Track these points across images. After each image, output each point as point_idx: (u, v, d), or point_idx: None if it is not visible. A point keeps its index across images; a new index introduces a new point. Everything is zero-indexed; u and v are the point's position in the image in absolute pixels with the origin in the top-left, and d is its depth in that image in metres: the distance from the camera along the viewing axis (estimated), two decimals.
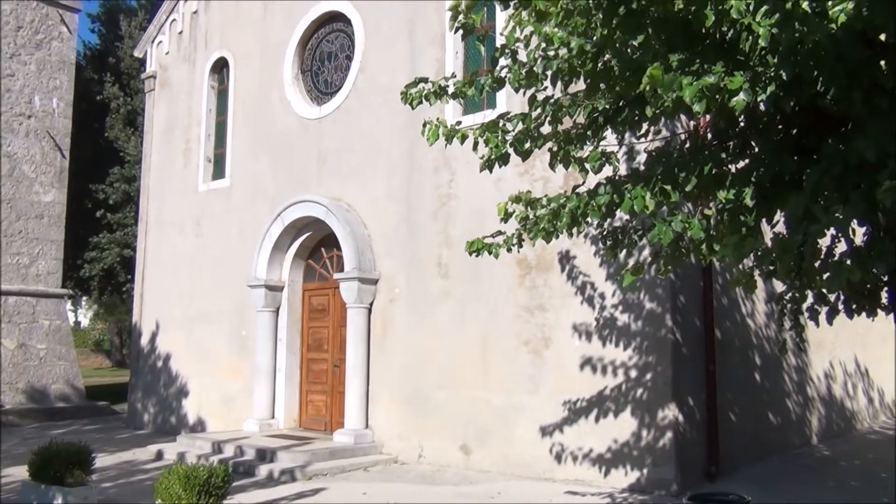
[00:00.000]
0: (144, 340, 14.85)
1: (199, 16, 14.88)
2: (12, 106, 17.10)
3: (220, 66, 14.41)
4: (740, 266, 4.90)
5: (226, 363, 13.09)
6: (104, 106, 21.66)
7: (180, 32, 15.21)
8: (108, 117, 21.64)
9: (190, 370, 13.77)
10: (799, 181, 3.83)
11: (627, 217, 4.82)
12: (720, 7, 3.39)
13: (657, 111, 3.95)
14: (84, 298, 36.06)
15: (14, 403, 16.07)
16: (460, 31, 4.47)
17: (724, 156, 4.22)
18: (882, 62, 3.49)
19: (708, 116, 4.55)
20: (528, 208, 4.99)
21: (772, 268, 4.22)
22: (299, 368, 12.36)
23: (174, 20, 15.37)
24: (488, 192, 9.43)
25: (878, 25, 3.16)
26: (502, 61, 4.82)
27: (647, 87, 3.42)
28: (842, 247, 3.97)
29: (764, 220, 4.20)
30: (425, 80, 5.29)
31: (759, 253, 3.98)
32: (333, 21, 12.56)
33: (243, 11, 13.90)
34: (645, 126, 4.83)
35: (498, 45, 4.76)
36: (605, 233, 5.12)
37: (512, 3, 4.44)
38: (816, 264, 3.99)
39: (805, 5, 3.12)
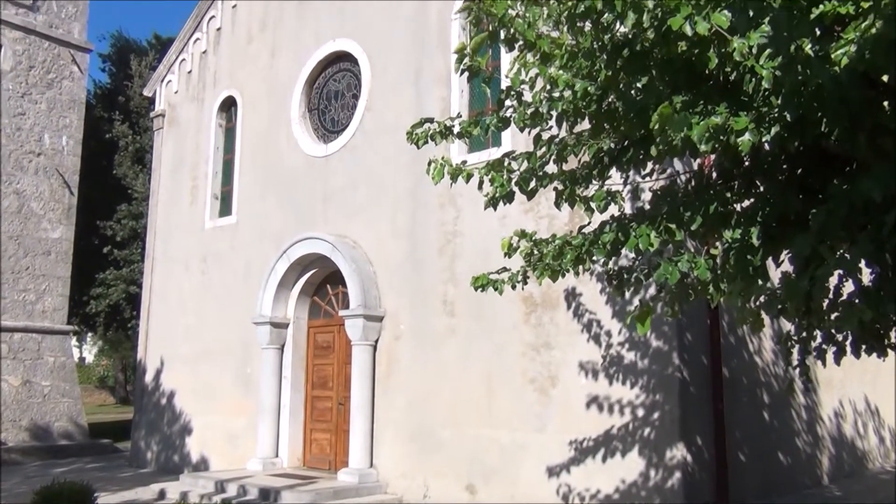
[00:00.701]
0: (149, 377, 14.80)
1: (208, 56, 15.10)
2: (22, 144, 17.29)
3: (228, 105, 14.58)
4: (747, 304, 4.88)
5: (230, 401, 13.02)
6: (113, 144, 21.91)
7: (189, 72, 15.42)
8: (116, 155, 21.87)
9: (194, 407, 13.69)
10: (805, 221, 3.83)
11: (633, 256, 4.82)
12: (723, 50, 3.42)
13: (662, 150, 3.97)
14: (89, 334, 36.04)
15: (17, 441, 15.97)
16: (466, 74, 4.51)
17: (729, 195, 4.23)
18: (885, 103, 3.51)
19: (713, 156, 4.58)
20: (534, 246, 4.99)
21: (780, 306, 4.20)
22: (303, 406, 12.27)
23: (184, 60, 15.59)
24: (493, 229, 9.45)
25: (880, 67, 3.19)
26: (507, 102, 4.87)
27: (657, 126, 3.44)
28: (849, 286, 3.95)
29: (770, 259, 4.19)
30: (431, 121, 5.33)
31: (767, 297, 3.96)
32: (340, 61, 12.73)
33: (252, 52, 14.10)
34: (650, 165, 4.85)
35: (503, 86, 4.80)
36: (610, 272, 5.12)
37: (517, 46, 4.50)
38: (825, 304, 3.97)
39: (808, 49, 3.15)
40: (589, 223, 5.03)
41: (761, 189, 4.28)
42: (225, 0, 14.87)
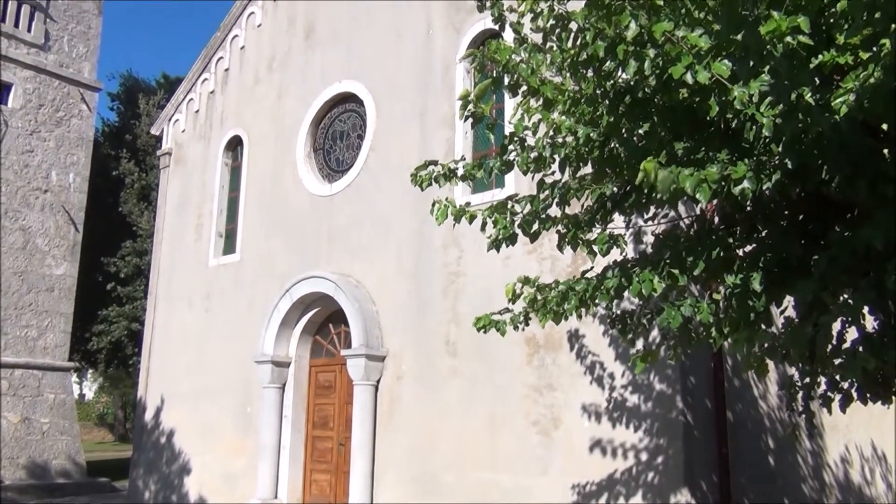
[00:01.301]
0: (148, 415, 14.71)
1: (215, 96, 15.29)
2: (29, 181, 17.44)
3: (235, 144, 14.72)
4: (751, 349, 4.86)
5: (230, 440, 12.91)
6: (119, 181, 22.09)
7: (197, 111, 15.61)
8: (122, 192, 22.03)
9: (193, 447, 13.58)
10: (807, 267, 3.84)
11: (637, 300, 4.83)
12: (724, 98, 3.47)
13: (663, 197, 4.00)
14: (90, 371, 35.91)
15: (14, 479, 15.82)
16: (470, 119, 4.57)
17: (731, 240, 4.25)
18: (885, 151, 3.54)
19: (714, 201, 4.61)
20: (537, 291, 5.00)
21: (783, 352, 4.19)
22: (304, 446, 12.16)
23: (191, 99, 15.79)
24: (497, 270, 9.46)
25: (880, 116, 3.22)
26: (511, 147, 4.92)
27: (644, 181, 3.48)
28: (853, 332, 3.94)
29: (773, 304, 4.19)
30: (435, 163, 5.39)
31: (771, 342, 3.95)
32: (346, 102, 12.88)
33: (259, 92, 14.29)
34: (652, 209, 4.88)
35: (507, 131, 4.86)
36: (613, 316, 5.11)
37: (520, 91, 4.56)
38: (828, 350, 3.96)
39: (809, 97, 3.19)
40: (592, 268, 5.05)
41: (763, 234, 4.30)
42: (233, 42, 15.11)
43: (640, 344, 7.93)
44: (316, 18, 13.57)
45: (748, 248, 4.35)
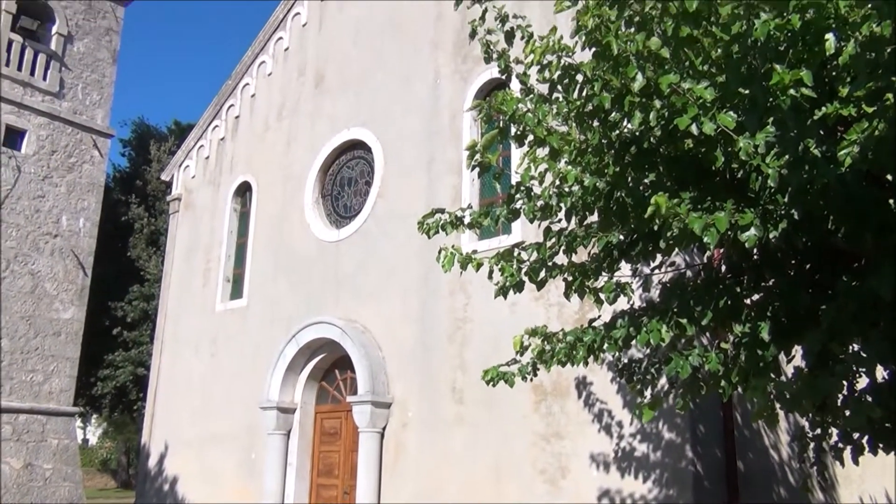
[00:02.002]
0: (152, 462, 14.57)
1: (225, 142, 15.49)
2: (40, 225, 17.58)
3: (244, 190, 14.86)
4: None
5: (234, 487, 12.76)
6: (128, 226, 22.26)
7: (207, 158, 15.79)
8: (131, 237, 22.18)
9: (197, 494, 13.41)
10: (815, 316, 3.83)
11: (645, 348, 4.81)
12: (729, 148, 3.50)
13: (669, 242, 4.01)
14: (94, 416, 35.69)
15: None
16: (477, 169, 4.62)
17: (738, 289, 4.24)
18: (891, 202, 3.55)
19: (721, 249, 4.62)
20: (545, 342, 4.99)
21: (795, 402, 4.15)
22: (308, 495, 12.00)
23: (202, 146, 15.99)
24: (504, 316, 9.44)
25: (885, 167, 3.25)
26: (517, 195, 4.96)
27: (654, 217, 3.49)
28: (863, 380, 3.91)
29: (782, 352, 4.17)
30: (441, 211, 5.42)
31: (784, 394, 3.91)
32: (355, 149, 13.02)
33: (268, 139, 14.47)
34: (659, 257, 4.89)
35: (514, 179, 4.91)
36: (621, 365, 5.09)
37: (527, 141, 4.61)
38: (839, 400, 3.92)
39: (815, 149, 3.22)
40: (599, 316, 5.04)
41: (771, 283, 4.29)
42: (245, 90, 15.36)
43: (648, 393, 7.87)
44: (326, 67, 13.81)
45: (756, 297, 4.34)
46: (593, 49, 3.96)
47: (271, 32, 15.09)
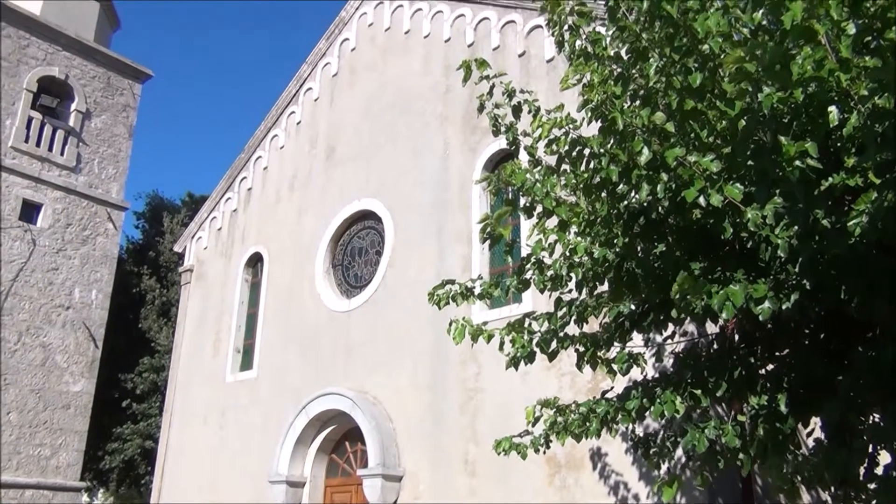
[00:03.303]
0: None
1: (238, 214, 15.68)
2: (53, 298, 17.69)
3: (255, 261, 14.96)
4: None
5: None
6: (140, 297, 22.35)
7: (219, 229, 15.96)
8: (143, 308, 22.24)
9: None
10: (832, 386, 3.77)
11: (660, 420, 4.73)
12: (737, 219, 3.52)
13: (682, 315, 4.00)
14: (101, 490, 35.14)
15: None
16: (488, 241, 4.65)
17: (752, 359, 4.20)
18: None
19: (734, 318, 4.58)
20: (557, 413, 4.93)
21: (815, 476, 4.05)
22: None
23: (214, 218, 16.18)
24: (516, 386, 9.34)
25: (894, 235, 3.24)
26: (528, 266, 4.97)
27: (677, 296, 3.48)
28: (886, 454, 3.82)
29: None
30: (452, 282, 5.43)
31: (800, 465, 3.83)
32: (365, 219, 13.14)
33: (280, 210, 14.64)
34: (671, 327, 4.86)
35: (524, 248, 4.93)
36: (636, 439, 5.00)
37: (536, 213, 4.65)
38: (861, 473, 3.82)
39: (823, 220, 3.23)
40: (612, 388, 4.99)
41: (785, 353, 4.25)
42: (257, 162, 15.64)
43: (665, 466, 7.70)
44: (337, 140, 14.06)
45: (770, 367, 4.29)
46: (599, 124, 4.03)
47: (284, 107, 15.44)
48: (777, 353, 4.31)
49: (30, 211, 17.93)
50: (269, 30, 70.17)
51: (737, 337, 4.70)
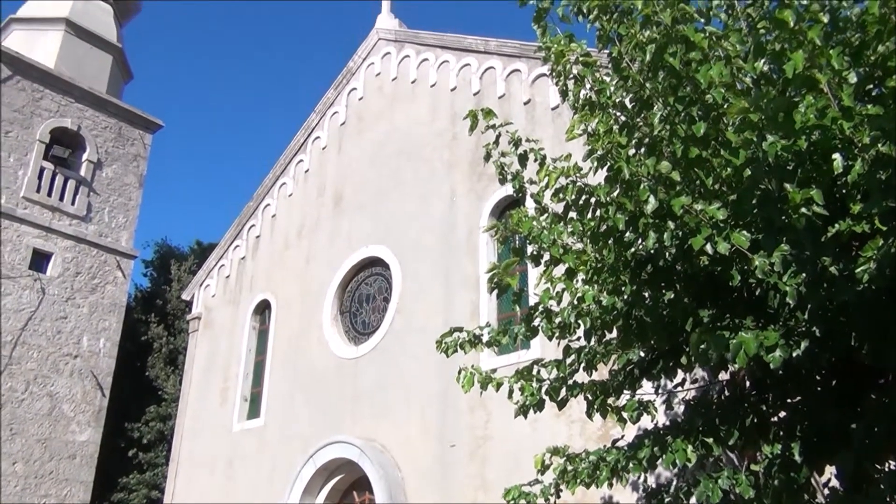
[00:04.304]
0: None
1: (246, 261, 15.75)
2: (61, 347, 17.70)
3: (263, 308, 14.97)
4: None
5: None
6: (147, 345, 22.32)
7: (227, 277, 16.02)
8: (150, 356, 22.20)
9: None
10: (846, 433, 3.73)
11: (672, 469, 4.67)
12: (745, 266, 3.52)
13: (693, 362, 3.98)
14: None
15: None
16: (496, 290, 4.66)
17: (764, 407, 4.16)
18: None
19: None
20: (567, 461, 4.88)
21: None
22: None
23: (223, 265, 16.25)
24: (525, 433, 9.24)
25: None
26: (536, 314, 4.97)
27: (693, 346, 3.47)
28: None
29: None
30: (460, 330, 5.43)
31: None
32: (373, 265, 13.19)
33: (288, 257, 14.71)
34: (681, 374, 4.83)
35: (532, 295, 4.94)
36: (649, 490, 4.93)
37: (543, 261, 4.67)
38: None
39: (831, 267, 3.23)
40: (623, 436, 4.94)
41: (797, 400, 4.21)
42: (265, 210, 15.76)
43: None
44: (344, 187, 14.19)
45: (782, 414, 4.25)
46: (605, 172, 4.07)
47: (292, 155, 15.62)
48: (789, 401, 4.27)
49: (40, 260, 18.06)
50: (279, 79, 71.41)
51: (747, 384, 4.66)
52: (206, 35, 69.69)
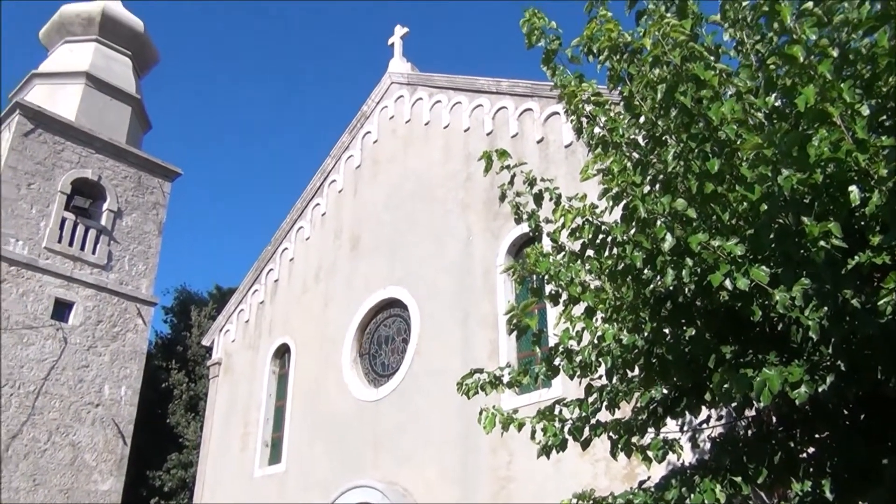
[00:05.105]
0: None
1: (265, 306, 15.81)
2: (83, 395, 17.77)
3: (282, 352, 14.98)
4: None
5: None
6: (168, 392, 22.37)
7: (247, 321, 16.07)
8: (171, 403, 22.22)
9: None
10: (877, 469, 3.65)
11: None
12: (765, 301, 3.49)
13: (717, 399, 3.93)
14: None
15: None
16: (515, 331, 4.64)
17: (792, 443, 4.09)
18: None
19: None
20: None
21: None
22: None
23: (242, 310, 16.32)
24: (549, 474, 9.12)
25: None
26: (556, 354, 4.94)
27: (716, 385, 3.43)
28: None
29: None
30: (480, 371, 5.40)
31: None
32: (391, 307, 13.19)
33: (306, 301, 14.75)
34: (705, 410, 4.77)
35: (550, 337, 4.91)
36: None
37: (561, 300, 4.66)
38: None
39: (853, 300, 3.20)
40: (649, 477, 4.87)
41: (825, 435, 4.13)
42: (283, 254, 15.87)
43: None
44: (361, 230, 14.28)
45: (811, 450, 4.17)
46: (621, 210, 4.08)
47: (309, 199, 15.77)
48: (817, 436, 4.19)
49: (61, 310, 18.24)
50: (294, 125, 72.45)
51: (774, 420, 4.59)
52: (223, 84, 70.99)
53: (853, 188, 3.35)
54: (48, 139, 19.14)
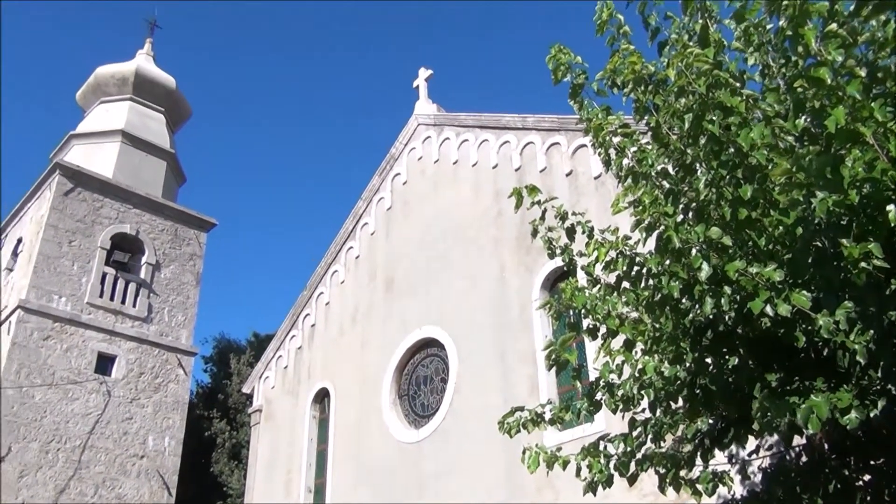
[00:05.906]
0: None
1: (303, 351, 15.89)
2: (127, 448, 17.92)
3: (322, 396, 15.00)
4: None
5: None
6: (211, 441, 22.45)
7: (286, 367, 16.15)
8: (214, 452, 22.29)
9: None
10: None
11: None
12: (808, 327, 3.42)
13: (764, 430, 3.84)
14: None
15: None
16: (554, 367, 4.60)
17: (846, 471, 3.97)
18: None
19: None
20: None
21: None
22: None
23: (280, 356, 16.41)
24: None
25: None
26: (598, 389, 4.88)
27: (758, 414, 3.36)
28: None
29: None
30: (521, 409, 5.35)
31: None
32: (428, 347, 13.16)
33: (343, 344, 14.80)
34: (753, 441, 4.66)
35: (591, 372, 4.86)
36: None
37: (600, 334, 4.62)
38: None
39: None
40: None
41: (881, 461, 4.01)
42: (319, 298, 15.98)
43: None
44: (395, 271, 14.34)
45: (867, 477, 4.04)
46: (655, 241, 4.05)
47: (342, 243, 15.91)
48: (872, 462, 4.07)
49: (104, 363, 18.51)
50: (325, 170, 73.45)
51: (826, 447, 4.46)
52: (254, 134, 72.40)
53: (891, 207, 3.29)
54: (87, 197, 19.64)
